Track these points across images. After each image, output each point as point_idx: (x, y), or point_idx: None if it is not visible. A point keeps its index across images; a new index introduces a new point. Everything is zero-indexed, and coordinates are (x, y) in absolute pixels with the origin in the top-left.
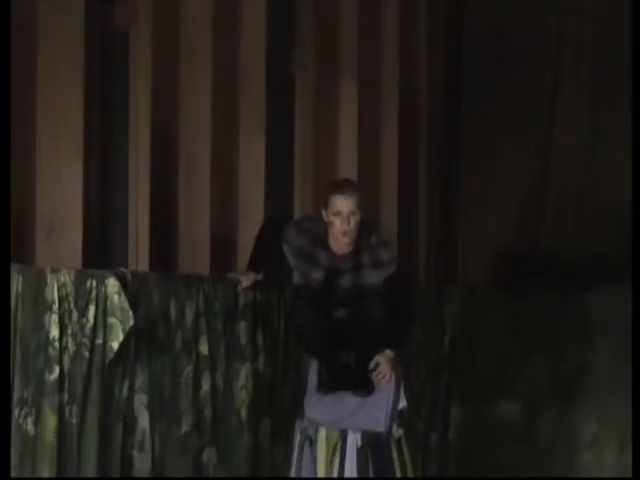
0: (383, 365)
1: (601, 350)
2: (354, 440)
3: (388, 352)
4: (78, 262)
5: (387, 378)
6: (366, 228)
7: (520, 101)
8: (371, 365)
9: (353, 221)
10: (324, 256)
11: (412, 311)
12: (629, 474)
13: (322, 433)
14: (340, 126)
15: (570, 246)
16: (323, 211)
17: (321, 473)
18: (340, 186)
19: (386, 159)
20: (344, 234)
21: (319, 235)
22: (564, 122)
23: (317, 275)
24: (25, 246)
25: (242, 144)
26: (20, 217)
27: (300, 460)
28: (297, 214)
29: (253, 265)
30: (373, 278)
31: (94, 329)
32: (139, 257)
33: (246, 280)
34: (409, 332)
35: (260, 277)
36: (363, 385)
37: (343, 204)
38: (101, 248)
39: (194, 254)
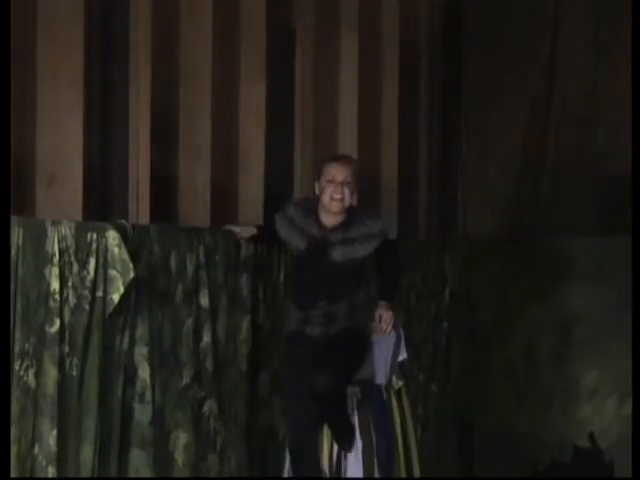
0: (385, 314)
1: (601, 299)
2: (353, 393)
3: (383, 303)
4: (78, 213)
5: (392, 326)
6: (358, 207)
7: (520, 50)
8: (376, 319)
9: (347, 191)
10: (315, 228)
11: (398, 264)
12: (629, 425)
13: None
14: (340, 75)
15: (570, 196)
16: (316, 183)
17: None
18: (336, 156)
19: (386, 109)
20: (335, 199)
21: (312, 208)
22: (563, 71)
23: (300, 244)
24: (25, 196)
25: (242, 94)
26: (20, 167)
27: None
28: (297, 164)
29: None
30: (364, 250)
31: (94, 281)
32: (139, 209)
33: (244, 232)
34: (397, 283)
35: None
36: None
37: (337, 171)
38: (101, 199)
39: (195, 206)
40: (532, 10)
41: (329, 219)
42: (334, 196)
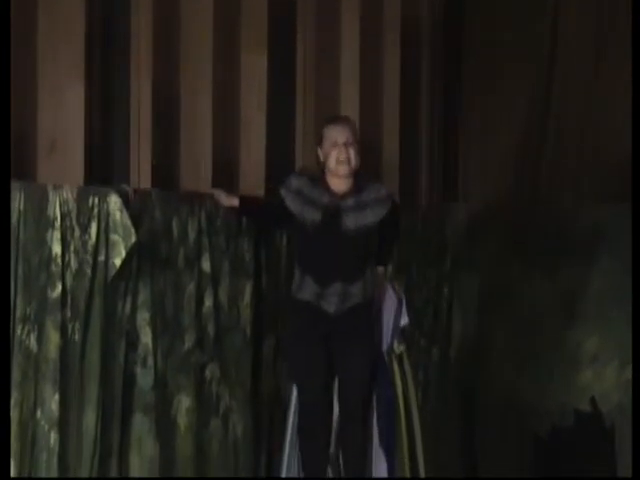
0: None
1: (602, 267)
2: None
3: (380, 268)
4: (80, 180)
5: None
6: (363, 172)
7: (521, 31)
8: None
9: (352, 151)
10: (326, 197)
11: (398, 232)
12: (629, 391)
13: None
14: (342, 43)
15: (571, 166)
16: (318, 149)
17: None
18: (334, 118)
19: (388, 77)
20: (341, 161)
21: (316, 177)
22: (566, 49)
23: (314, 216)
24: (26, 164)
25: (244, 65)
26: (21, 135)
27: None
28: (299, 133)
29: (246, 199)
30: (374, 216)
31: (96, 246)
32: (141, 175)
33: (226, 200)
34: (393, 249)
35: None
36: None
37: (339, 133)
38: (103, 165)
39: (196, 176)
40: None
41: (339, 185)
42: (340, 158)
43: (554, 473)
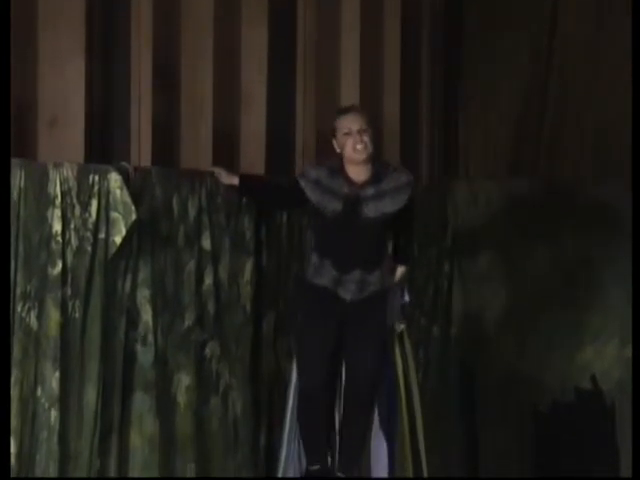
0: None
1: (603, 244)
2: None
3: (400, 268)
4: (80, 156)
5: None
6: (382, 161)
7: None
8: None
9: (366, 138)
10: (345, 186)
11: (413, 228)
12: (630, 369)
13: None
14: (342, 18)
15: (571, 140)
16: (334, 141)
17: None
18: (344, 108)
19: (388, 53)
20: (358, 148)
21: (335, 167)
22: (565, 23)
23: (335, 206)
24: (27, 139)
25: (244, 38)
26: (22, 110)
27: None
28: (299, 109)
29: (247, 177)
30: (394, 205)
31: (96, 224)
32: (141, 154)
33: (226, 179)
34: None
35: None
36: None
37: (351, 122)
38: (103, 142)
39: (196, 151)
40: None
41: (358, 174)
42: (356, 147)
43: (555, 448)
